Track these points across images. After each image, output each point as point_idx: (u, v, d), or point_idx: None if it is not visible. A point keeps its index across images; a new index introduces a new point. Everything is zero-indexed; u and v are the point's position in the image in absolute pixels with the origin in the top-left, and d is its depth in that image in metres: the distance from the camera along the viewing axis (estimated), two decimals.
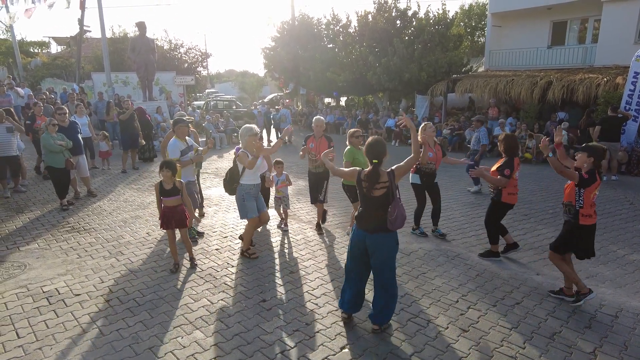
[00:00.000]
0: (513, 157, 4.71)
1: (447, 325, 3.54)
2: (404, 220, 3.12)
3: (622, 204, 7.37)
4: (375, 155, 3.12)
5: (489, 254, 4.99)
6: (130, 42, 15.18)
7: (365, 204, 3.21)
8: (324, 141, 5.47)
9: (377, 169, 3.12)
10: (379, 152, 3.13)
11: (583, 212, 3.74)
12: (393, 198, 3.08)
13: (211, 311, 3.73)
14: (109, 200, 7.39)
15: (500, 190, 4.70)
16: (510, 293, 4.13)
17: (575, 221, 3.78)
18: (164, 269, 4.62)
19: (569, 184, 3.86)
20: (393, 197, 3.09)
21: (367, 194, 3.16)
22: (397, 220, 3.06)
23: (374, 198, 3.13)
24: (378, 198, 3.11)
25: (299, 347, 3.21)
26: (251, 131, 4.67)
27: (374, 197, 3.12)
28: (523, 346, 3.27)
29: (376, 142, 3.17)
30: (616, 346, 3.27)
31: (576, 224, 3.78)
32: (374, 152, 3.13)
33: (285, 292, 4.10)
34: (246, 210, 4.72)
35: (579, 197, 3.73)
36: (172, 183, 4.36)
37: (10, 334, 3.37)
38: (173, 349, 3.18)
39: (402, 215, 3.09)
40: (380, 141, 3.20)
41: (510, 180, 4.65)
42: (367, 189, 3.15)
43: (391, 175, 3.10)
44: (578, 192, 3.73)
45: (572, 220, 3.79)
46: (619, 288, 4.26)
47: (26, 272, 4.51)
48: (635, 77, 10.13)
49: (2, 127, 7.15)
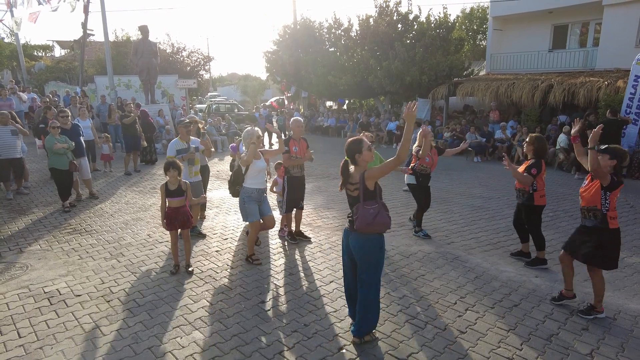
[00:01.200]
0: (541, 159, 4.65)
1: (445, 327, 3.55)
2: (366, 223, 3.06)
3: (622, 207, 7.37)
4: (346, 153, 3.24)
5: (536, 261, 4.78)
6: (133, 46, 15.31)
7: (349, 203, 3.33)
8: (304, 142, 5.38)
9: (345, 165, 3.25)
10: (348, 150, 3.20)
11: (611, 215, 3.54)
12: (359, 200, 3.13)
13: (210, 312, 3.76)
14: (110, 202, 7.44)
15: (532, 194, 4.60)
16: (508, 295, 4.14)
17: (604, 226, 3.55)
18: (164, 270, 4.65)
19: (588, 187, 3.67)
20: (359, 199, 3.12)
21: (347, 193, 3.28)
22: (357, 220, 3.08)
23: (351, 197, 3.24)
24: (354, 198, 3.20)
25: (297, 348, 3.23)
26: (252, 134, 4.69)
27: (352, 196, 3.24)
28: (520, 348, 3.28)
29: (349, 142, 3.23)
30: (613, 348, 3.28)
31: (606, 229, 3.55)
32: (345, 150, 3.24)
33: (284, 294, 4.12)
34: (246, 214, 4.73)
35: (605, 200, 3.53)
36: (177, 184, 4.41)
37: (11, 333, 3.41)
38: (172, 349, 3.21)
39: (364, 218, 3.06)
40: (353, 140, 3.20)
41: (540, 183, 4.60)
42: (343, 186, 3.29)
43: (362, 177, 3.11)
44: (604, 195, 3.53)
45: (601, 225, 3.56)
46: (618, 291, 4.26)
47: (28, 272, 4.56)
48: (635, 80, 10.14)
49: (6, 129, 7.23)
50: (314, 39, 20.31)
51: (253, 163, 4.65)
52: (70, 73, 25.65)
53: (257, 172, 4.69)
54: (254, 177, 4.70)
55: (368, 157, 3.15)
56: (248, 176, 4.70)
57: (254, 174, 4.69)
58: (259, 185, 4.76)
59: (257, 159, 4.73)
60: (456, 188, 8.87)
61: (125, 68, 21.59)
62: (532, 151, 4.70)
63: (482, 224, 6.41)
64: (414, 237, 5.78)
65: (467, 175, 10.31)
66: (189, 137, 5.66)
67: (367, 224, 3.06)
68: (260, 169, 4.74)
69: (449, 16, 16.56)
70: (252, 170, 4.67)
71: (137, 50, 14.52)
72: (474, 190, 8.68)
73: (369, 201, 3.10)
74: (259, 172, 4.71)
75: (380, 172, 3.13)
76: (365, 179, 3.09)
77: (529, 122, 13.14)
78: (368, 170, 3.13)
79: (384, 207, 3.15)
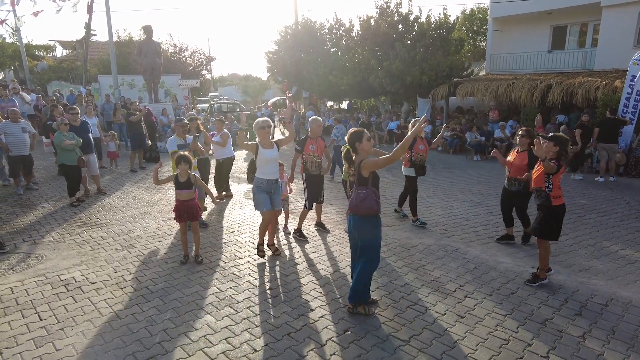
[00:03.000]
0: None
1: (444, 312, 3.72)
2: (354, 205, 3.48)
3: (619, 203, 7.54)
4: (348, 142, 3.63)
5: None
6: (137, 46, 15.51)
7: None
8: (321, 141, 5.57)
9: (348, 153, 3.73)
10: (350, 139, 3.59)
11: (553, 195, 4.11)
12: (353, 186, 3.55)
13: (220, 298, 3.93)
14: (118, 198, 7.61)
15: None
16: (506, 284, 4.31)
17: (548, 204, 4.14)
18: (174, 260, 4.82)
19: (535, 170, 4.25)
20: (353, 185, 3.55)
21: (349, 180, 3.72)
22: (350, 202, 3.54)
23: (351, 182, 3.65)
24: (352, 183, 3.62)
25: (304, 330, 3.41)
26: (262, 123, 4.79)
27: (351, 181, 3.65)
28: (516, 330, 3.45)
29: (351, 132, 3.61)
30: (604, 331, 3.45)
31: (550, 206, 4.13)
32: (347, 139, 3.64)
33: (291, 282, 4.30)
34: (256, 203, 4.83)
35: (549, 182, 4.11)
36: (186, 176, 4.59)
37: (32, 316, 3.58)
38: (186, 330, 3.38)
39: (354, 199, 3.49)
40: (355, 131, 3.59)
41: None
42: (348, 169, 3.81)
43: (358, 165, 3.50)
44: (547, 179, 4.10)
45: (545, 203, 4.16)
46: (611, 280, 4.43)
47: (43, 262, 4.73)
48: (632, 80, 10.31)
49: (17, 126, 7.41)
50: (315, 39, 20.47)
51: (260, 153, 4.69)
52: (72, 73, 25.86)
53: (264, 162, 4.72)
54: (263, 167, 4.75)
55: (367, 147, 3.52)
56: (258, 166, 4.79)
57: (262, 164, 4.74)
58: (269, 176, 4.78)
59: (266, 148, 4.74)
60: (456, 185, 9.04)
61: (127, 68, 21.78)
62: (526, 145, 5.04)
63: (481, 218, 6.59)
64: (415, 230, 5.95)
65: (467, 173, 10.48)
66: (185, 135, 6.00)
67: (355, 205, 3.48)
68: (269, 160, 4.74)
69: (448, 17, 16.74)
70: (260, 160, 4.73)
71: (141, 50, 14.72)
72: (473, 187, 8.85)
73: (361, 186, 3.49)
74: (267, 162, 4.72)
75: (375, 165, 3.46)
76: (361, 167, 3.48)
77: (527, 121, 13.32)
78: (365, 161, 3.48)
79: (374, 193, 3.50)
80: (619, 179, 9.63)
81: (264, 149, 4.73)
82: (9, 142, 7.34)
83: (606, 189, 8.60)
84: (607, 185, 9.01)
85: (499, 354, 3.14)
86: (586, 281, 4.36)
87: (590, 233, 5.92)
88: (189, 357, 3.06)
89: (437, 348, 3.20)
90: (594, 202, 7.64)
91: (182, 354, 3.09)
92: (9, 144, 7.33)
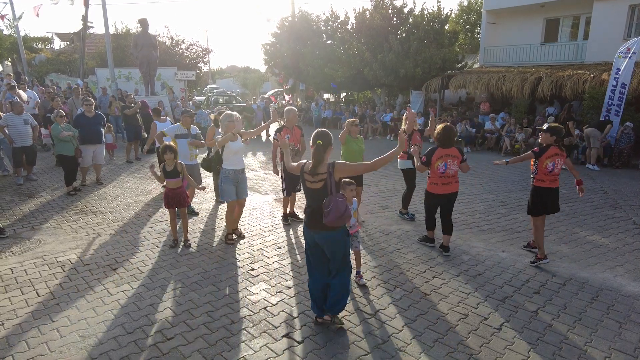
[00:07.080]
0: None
1: (412, 290, 4.02)
2: (338, 216, 2.96)
3: (596, 192, 7.82)
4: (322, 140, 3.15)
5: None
6: (133, 39, 15.66)
7: (307, 197, 3.23)
8: (297, 130, 5.74)
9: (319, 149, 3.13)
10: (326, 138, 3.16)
11: (537, 178, 4.59)
12: (330, 192, 3.04)
13: (205, 277, 4.23)
14: (113, 187, 7.90)
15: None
16: (474, 266, 4.60)
17: (532, 184, 4.67)
18: (164, 244, 5.12)
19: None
20: (330, 191, 3.04)
21: (307, 187, 3.17)
22: (330, 213, 2.94)
23: (312, 191, 3.14)
24: (316, 191, 3.10)
25: (280, 304, 3.71)
26: (230, 117, 4.94)
27: (312, 189, 3.13)
28: (476, 307, 3.74)
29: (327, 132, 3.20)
30: (557, 307, 3.74)
31: (532, 186, 4.67)
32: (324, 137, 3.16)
33: (272, 263, 4.59)
34: (222, 193, 5.07)
35: (535, 167, 4.61)
36: (173, 165, 4.85)
37: (31, 293, 3.88)
38: (171, 305, 3.68)
39: (338, 210, 2.95)
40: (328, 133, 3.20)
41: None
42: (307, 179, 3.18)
43: (330, 167, 3.05)
44: (534, 164, 4.62)
45: (531, 184, 4.71)
46: (573, 262, 4.72)
47: (41, 246, 5.03)
48: (617, 73, 10.51)
49: (20, 118, 7.68)
50: (312, 31, 20.60)
51: (228, 145, 4.89)
52: (70, 65, 25.99)
53: (232, 153, 4.94)
54: (230, 158, 4.96)
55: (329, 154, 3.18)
56: (224, 158, 4.98)
57: (230, 155, 4.95)
58: (236, 167, 5.02)
59: (232, 140, 4.89)
60: None
61: (124, 60, 21.93)
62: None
63: (460, 206, 6.85)
64: (396, 218, 6.23)
65: None
66: (189, 125, 6.16)
67: (339, 217, 2.95)
68: (236, 151, 4.97)
69: (442, 10, 16.86)
70: (228, 152, 4.93)
71: (137, 43, 14.89)
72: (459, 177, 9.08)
73: (338, 193, 3.06)
74: (234, 153, 4.95)
75: (352, 170, 3.13)
76: (335, 170, 3.04)
77: (517, 113, 13.54)
78: (340, 164, 3.08)
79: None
80: (603, 169, 9.89)
81: (231, 142, 4.88)
82: (11, 133, 7.60)
83: (588, 179, 8.86)
84: (589, 175, 9.27)
85: (456, 327, 3.44)
86: (552, 264, 4.64)
87: (564, 220, 6.20)
88: (172, 327, 3.36)
89: (399, 321, 3.50)
90: (573, 191, 7.88)
91: (165, 325, 3.39)
92: (11, 135, 7.60)
